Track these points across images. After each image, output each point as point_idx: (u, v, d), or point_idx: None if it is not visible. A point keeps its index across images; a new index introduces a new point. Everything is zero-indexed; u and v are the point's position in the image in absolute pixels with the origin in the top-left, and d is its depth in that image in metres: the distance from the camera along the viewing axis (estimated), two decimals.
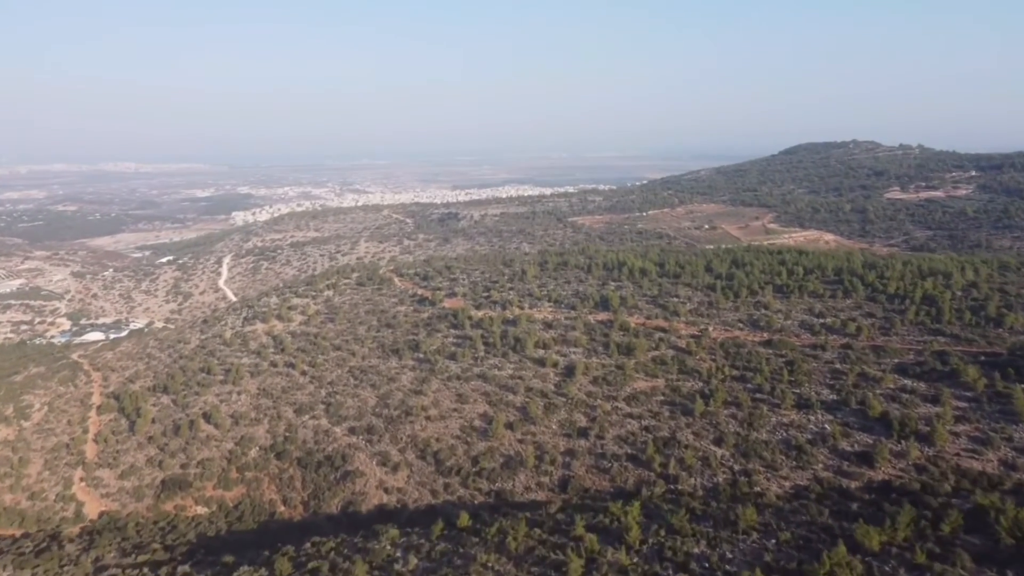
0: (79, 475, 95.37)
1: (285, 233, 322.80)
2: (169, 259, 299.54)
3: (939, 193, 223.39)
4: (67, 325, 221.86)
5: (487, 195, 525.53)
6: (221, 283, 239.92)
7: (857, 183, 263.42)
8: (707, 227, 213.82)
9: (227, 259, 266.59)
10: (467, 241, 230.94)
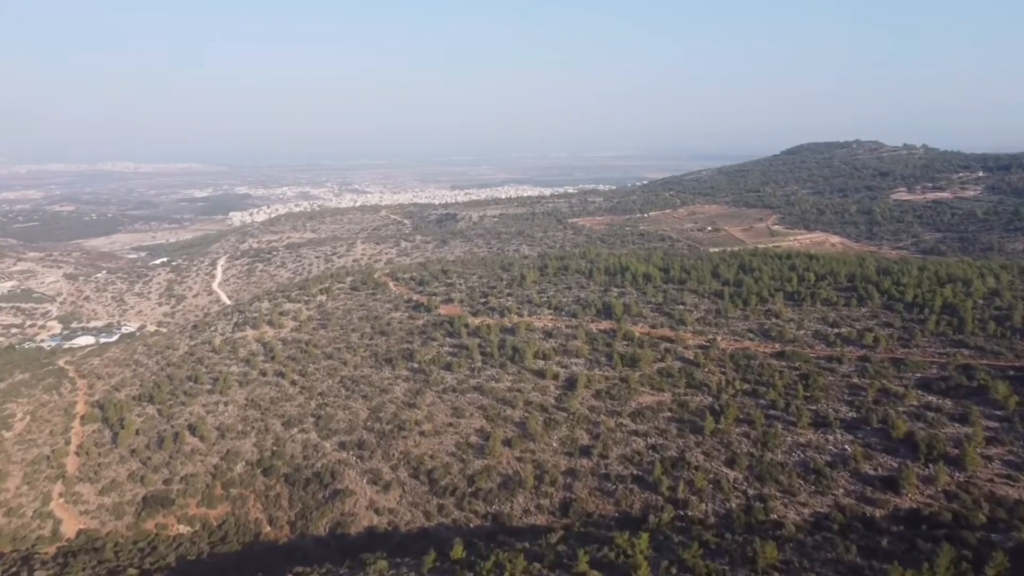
0: (58, 490, 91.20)
1: (281, 234, 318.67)
2: (163, 261, 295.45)
3: (946, 194, 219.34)
4: (58, 329, 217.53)
5: (486, 195, 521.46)
6: (215, 285, 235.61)
7: (862, 184, 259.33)
8: (710, 229, 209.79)
9: (222, 261, 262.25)
10: (465, 243, 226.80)
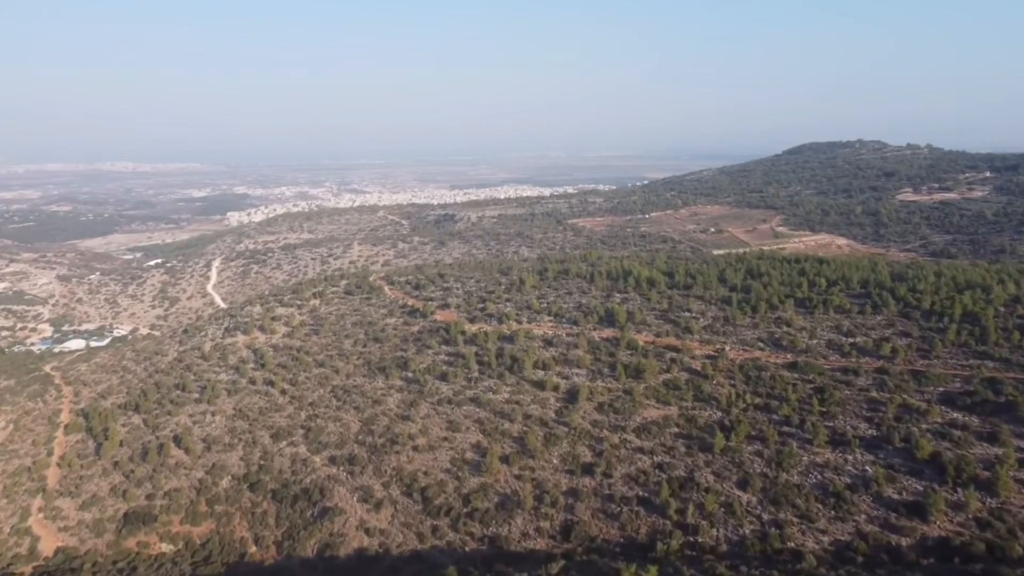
0: (38, 505, 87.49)
1: (278, 235, 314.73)
2: (158, 262, 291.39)
3: (953, 195, 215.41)
4: (49, 332, 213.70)
5: (485, 195, 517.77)
6: (209, 288, 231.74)
7: (867, 184, 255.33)
8: (713, 230, 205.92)
9: (217, 262, 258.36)
10: (463, 244, 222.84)
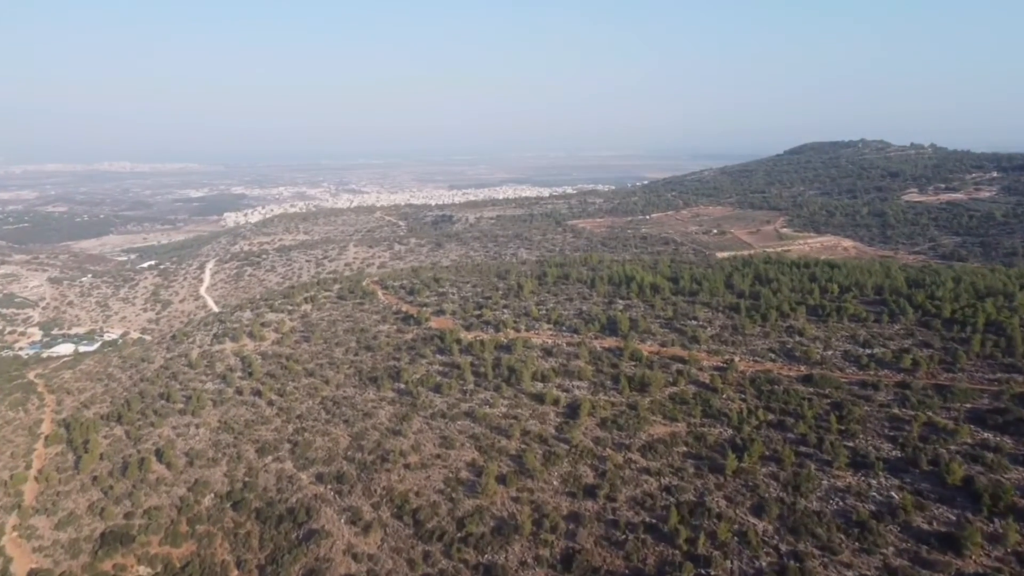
0: (12, 523, 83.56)
1: (274, 236, 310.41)
2: (151, 264, 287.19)
3: (960, 195, 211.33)
4: (38, 336, 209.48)
5: (484, 195, 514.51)
6: (202, 290, 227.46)
7: (871, 184, 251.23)
8: (715, 232, 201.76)
9: (210, 264, 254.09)
10: (461, 246, 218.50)
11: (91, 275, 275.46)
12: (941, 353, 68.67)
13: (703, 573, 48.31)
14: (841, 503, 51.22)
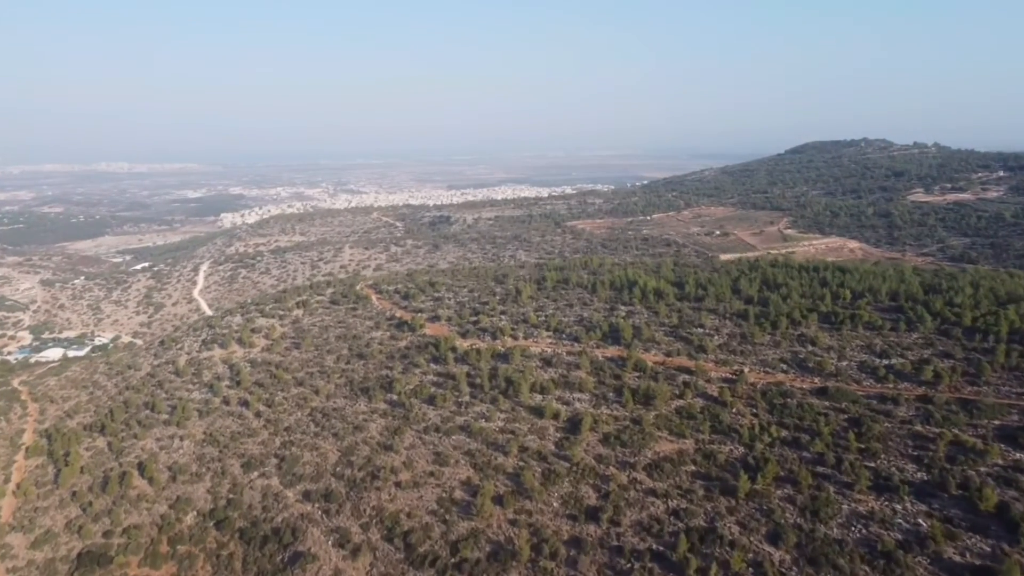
0: None
1: (269, 237, 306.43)
2: (144, 266, 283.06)
3: (967, 195, 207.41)
4: (28, 340, 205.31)
5: (483, 196, 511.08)
6: (196, 293, 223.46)
7: (876, 184, 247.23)
8: (718, 233, 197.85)
9: (205, 266, 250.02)
10: (458, 248, 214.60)
11: (84, 277, 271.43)
12: (964, 364, 64.86)
13: None
14: (864, 531, 47.41)
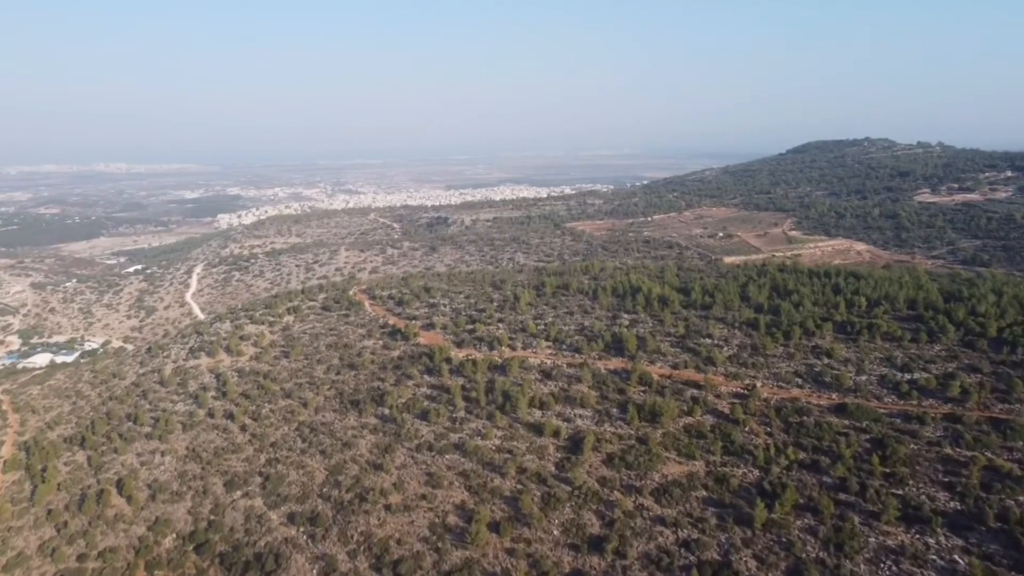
0: None
1: (265, 239, 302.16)
2: (137, 268, 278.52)
3: (975, 196, 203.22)
4: (16, 344, 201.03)
5: (481, 196, 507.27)
6: (188, 296, 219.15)
7: (881, 184, 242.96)
8: (721, 235, 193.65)
9: (198, 268, 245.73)
10: (456, 250, 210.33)
11: (75, 280, 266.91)
12: (992, 380, 60.71)
13: None
14: (894, 567, 43.27)
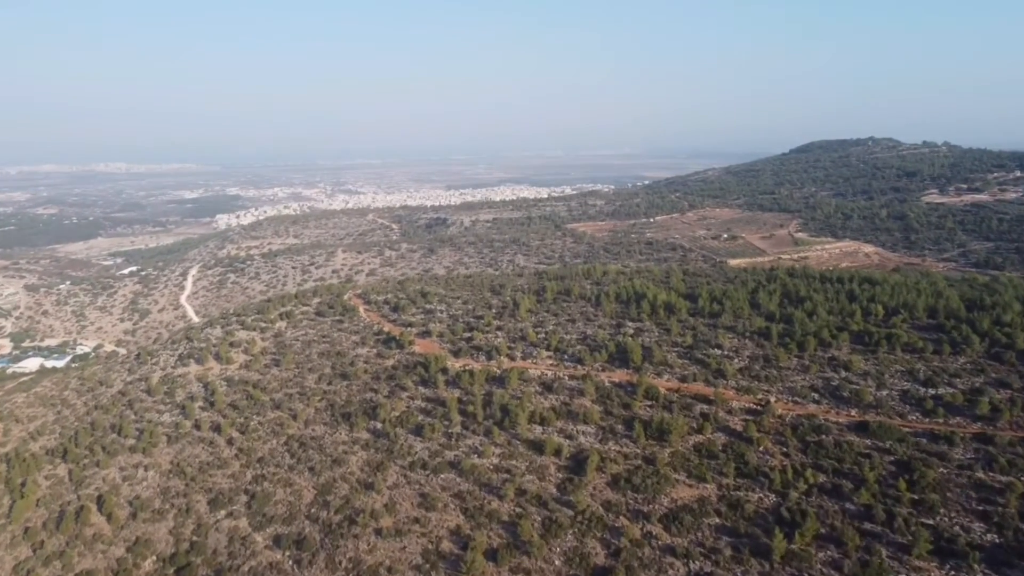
0: None
1: (262, 240, 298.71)
2: (132, 270, 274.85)
3: (984, 196, 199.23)
4: (7, 348, 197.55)
5: (481, 196, 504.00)
6: (183, 299, 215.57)
7: (887, 185, 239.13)
8: (725, 236, 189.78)
9: (194, 270, 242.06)
10: (455, 252, 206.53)
11: (69, 282, 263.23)
12: (1022, 395, 56.92)
13: None
14: None
